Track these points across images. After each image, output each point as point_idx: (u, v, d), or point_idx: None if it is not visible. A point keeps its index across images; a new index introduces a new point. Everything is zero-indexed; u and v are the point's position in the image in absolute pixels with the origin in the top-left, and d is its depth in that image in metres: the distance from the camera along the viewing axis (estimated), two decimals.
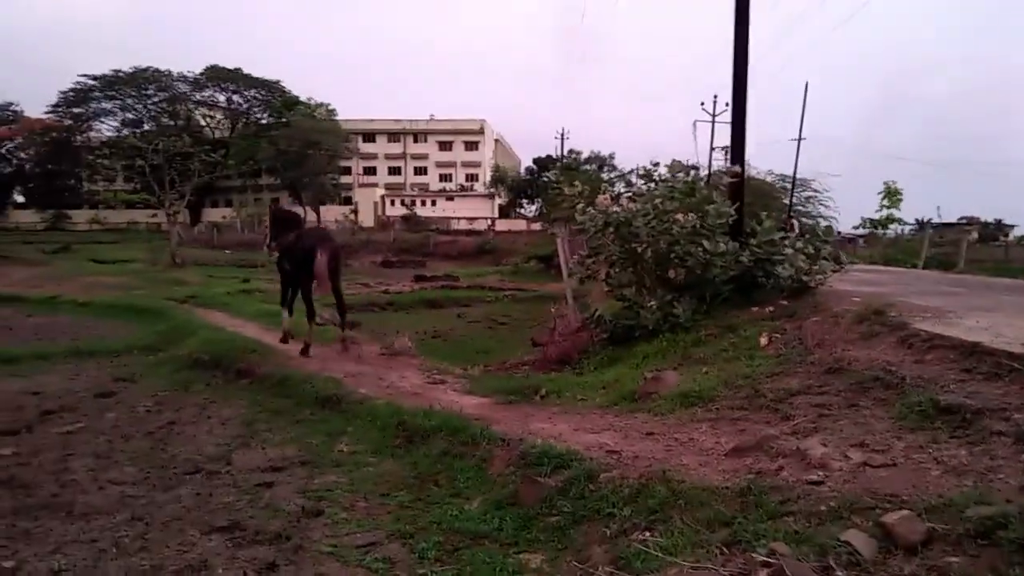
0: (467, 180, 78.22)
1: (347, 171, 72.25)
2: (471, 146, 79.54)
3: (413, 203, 67.71)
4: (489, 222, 63.92)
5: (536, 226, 59.49)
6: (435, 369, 8.08)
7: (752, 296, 8.46)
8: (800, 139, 31.27)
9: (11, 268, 26.35)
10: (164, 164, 33.76)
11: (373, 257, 45.20)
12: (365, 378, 7.41)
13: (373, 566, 3.46)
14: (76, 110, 63.09)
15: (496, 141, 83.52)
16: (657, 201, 8.68)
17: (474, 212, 66.95)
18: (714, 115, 45.27)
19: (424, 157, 78.87)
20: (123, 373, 7.72)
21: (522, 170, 77.65)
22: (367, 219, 62.84)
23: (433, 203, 69.95)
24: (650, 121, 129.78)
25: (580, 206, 9.26)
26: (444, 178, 78.69)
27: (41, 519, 3.83)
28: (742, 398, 5.41)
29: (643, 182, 9.88)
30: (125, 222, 60.65)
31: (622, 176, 51.02)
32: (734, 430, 4.80)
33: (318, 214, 60.84)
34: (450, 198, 71.64)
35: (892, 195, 44.84)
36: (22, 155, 65.63)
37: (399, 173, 78.55)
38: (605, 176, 57.31)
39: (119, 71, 61.85)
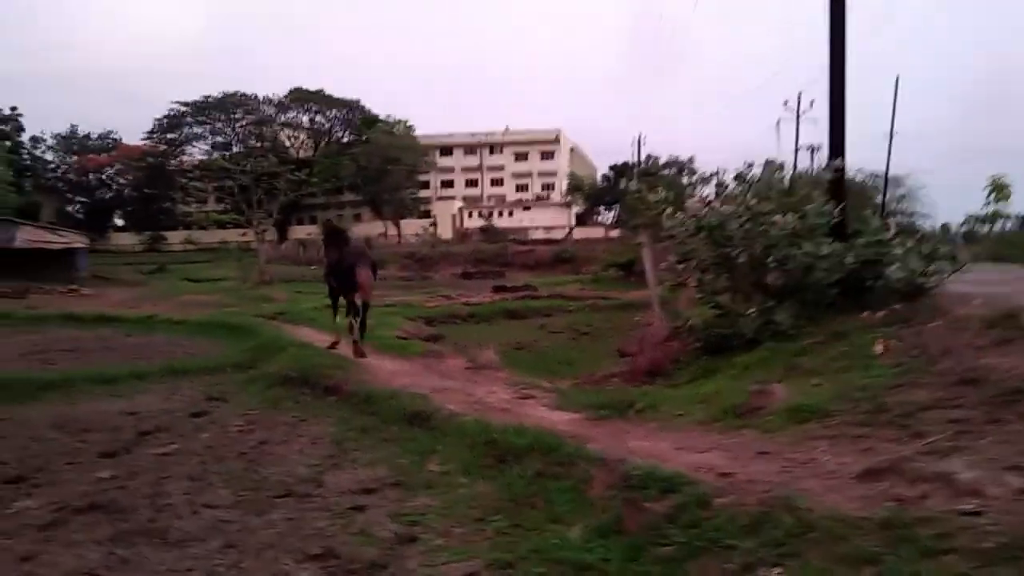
0: (543, 190, 78.11)
1: (425, 185, 73.43)
2: (547, 155, 79.40)
3: (490, 214, 68.09)
4: (566, 231, 63.62)
5: (614, 233, 58.84)
6: (522, 383, 7.85)
7: (860, 300, 7.86)
8: (892, 134, 29.66)
9: (112, 289, 27.86)
10: (252, 184, 35.07)
11: (452, 269, 45.66)
12: (452, 393, 7.25)
13: None
14: (170, 135, 66.71)
15: (572, 150, 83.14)
16: (752, 202, 8.22)
17: (551, 221, 66.77)
18: (799, 113, 43.65)
19: (500, 168, 79.27)
20: (216, 392, 7.81)
21: (598, 178, 77.08)
22: (445, 231, 63.59)
23: (510, 213, 70.07)
24: (728, 122, 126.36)
25: (668, 211, 8.88)
26: (520, 188, 78.84)
27: (138, 546, 3.79)
28: (863, 413, 4.92)
29: (735, 183, 9.40)
30: (217, 242, 63.34)
31: (705, 179, 49.60)
32: (858, 449, 4.34)
33: (398, 228, 62.04)
34: (527, 208, 71.61)
35: (1000, 190, 41.85)
36: (121, 180, 69.63)
37: (476, 185, 79.21)
38: (685, 180, 56.23)
39: (209, 96, 65.02)
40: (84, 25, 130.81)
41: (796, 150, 40.70)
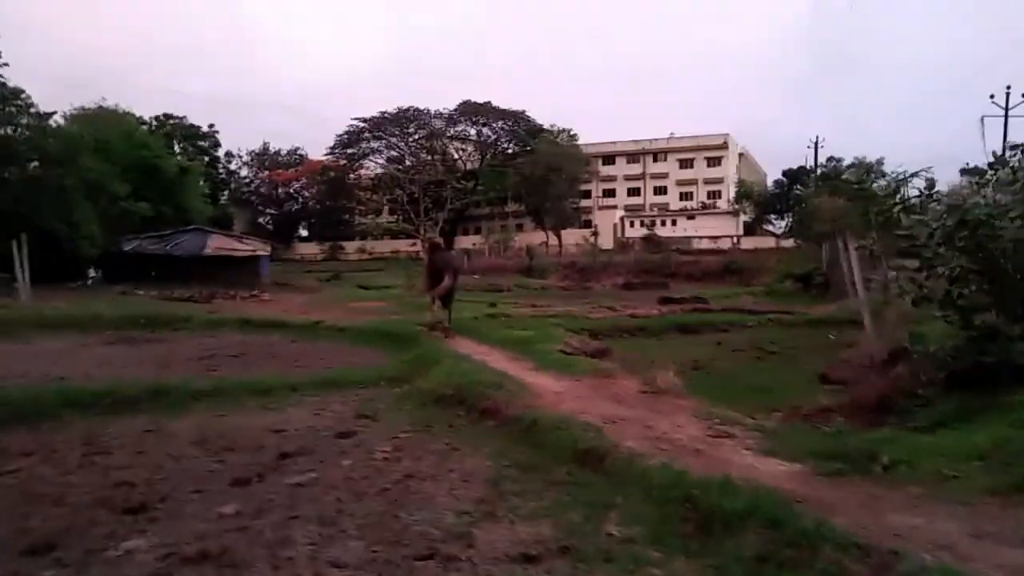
0: (709, 197, 74.60)
1: (587, 194, 72.57)
2: (713, 162, 75.86)
3: (653, 223, 65.90)
4: (733, 240, 60.07)
5: (786, 243, 54.77)
6: (715, 416, 6.42)
7: None
8: None
9: (289, 295, 29.18)
10: (420, 192, 35.82)
11: (614, 279, 44.11)
12: (629, 425, 6.02)
13: None
14: (349, 150, 70.57)
15: (740, 155, 78.91)
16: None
17: (716, 230, 63.25)
18: (1007, 108, 38.20)
19: (664, 176, 76.78)
20: (367, 408, 7.13)
21: (769, 184, 72.44)
22: (606, 241, 62.21)
23: (673, 222, 67.40)
24: (919, 121, 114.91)
25: (898, 208, 7.09)
26: (684, 196, 75.83)
27: None
28: None
29: (991, 173, 7.36)
30: (389, 251, 66.04)
31: (901, 180, 44.84)
32: None
33: (559, 238, 61.54)
34: (691, 216, 68.60)
35: None
36: (306, 194, 74.85)
37: (638, 194, 77.23)
38: (867, 183, 51.33)
39: (385, 112, 68.07)
40: (274, 54, 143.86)
41: (1005, 148, 35.41)
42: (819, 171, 57.92)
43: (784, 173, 67.58)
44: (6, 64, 24.91)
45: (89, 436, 6.06)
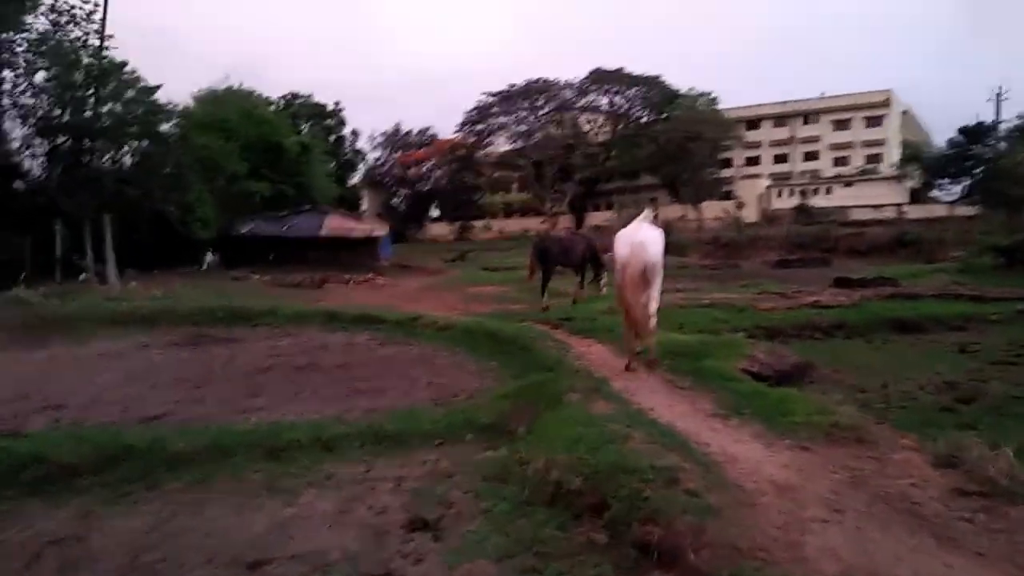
0: (868, 162, 66.14)
1: (727, 163, 66.58)
2: (873, 122, 67.24)
3: (804, 192, 59.22)
4: (899, 209, 52.59)
5: (963, 211, 47.07)
6: None
7: None
8: None
9: (408, 278, 27.08)
10: (546, 161, 32.69)
11: (764, 256, 39.11)
12: None
13: None
14: (478, 127, 68.38)
15: (904, 113, 69.39)
16: None
17: (879, 199, 55.71)
18: None
19: (815, 140, 68.99)
20: (427, 504, 4.08)
21: (940, 144, 63.09)
22: (751, 213, 56.48)
23: (827, 191, 60.27)
24: None
25: None
26: (839, 161, 67.70)
27: None
28: None
29: None
30: (520, 230, 63.51)
31: None
32: None
33: (698, 212, 56.48)
34: (848, 184, 61.02)
35: None
36: (437, 173, 73.64)
37: (786, 161, 69.94)
38: None
39: (513, 85, 65.24)
40: (409, 37, 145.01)
41: None
42: (1010, 125, 49.40)
43: (961, 130, 58.45)
44: (111, 36, 24.02)
45: None
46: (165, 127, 26.58)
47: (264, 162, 32.01)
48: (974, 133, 56.82)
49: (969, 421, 5.71)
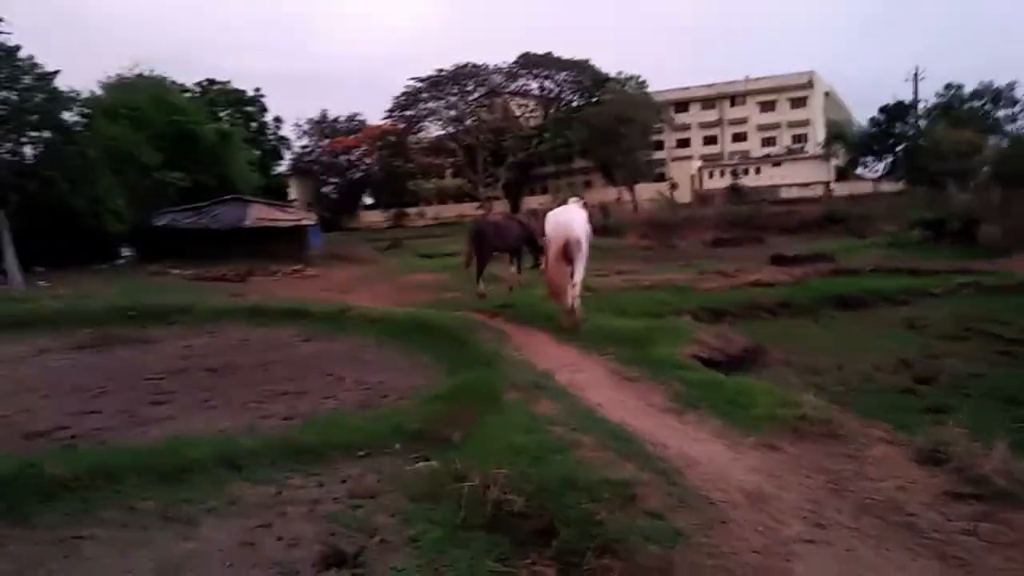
0: (794, 142, 67.82)
1: (659, 146, 67.14)
2: (797, 103, 68.82)
3: (735, 172, 60.27)
4: (826, 187, 54.24)
5: (886, 187, 48.88)
6: None
7: None
8: None
9: (339, 268, 26.00)
10: (477, 144, 31.94)
11: (698, 235, 39.38)
12: None
13: None
14: (407, 112, 66.93)
15: (826, 94, 71.32)
16: None
17: (806, 177, 57.53)
18: None
19: (743, 121, 70.21)
20: (347, 532, 3.45)
21: (861, 123, 65.14)
22: (684, 195, 57.17)
23: (757, 171, 61.56)
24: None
25: None
26: (767, 142, 69.19)
27: None
28: None
29: None
30: (455, 216, 62.47)
31: None
32: None
33: (633, 194, 56.75)
34: (776, 163, 62.48)
35: None
36: (367, 160, 71.82)
37: (715, 142, 71.00)
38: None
39: (442, 70, 64.09)
40: (336, 25, 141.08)
41: None
42: (926, 104, 51.34)
43: (882, 109, 60.36)
44: (1, 19, 22.05)
45: None
46: (69, 116, 24.65)
47: (179, 151, 30.11)
48: (894, 112, 58.76)
49: (934, 404, 5.38)
